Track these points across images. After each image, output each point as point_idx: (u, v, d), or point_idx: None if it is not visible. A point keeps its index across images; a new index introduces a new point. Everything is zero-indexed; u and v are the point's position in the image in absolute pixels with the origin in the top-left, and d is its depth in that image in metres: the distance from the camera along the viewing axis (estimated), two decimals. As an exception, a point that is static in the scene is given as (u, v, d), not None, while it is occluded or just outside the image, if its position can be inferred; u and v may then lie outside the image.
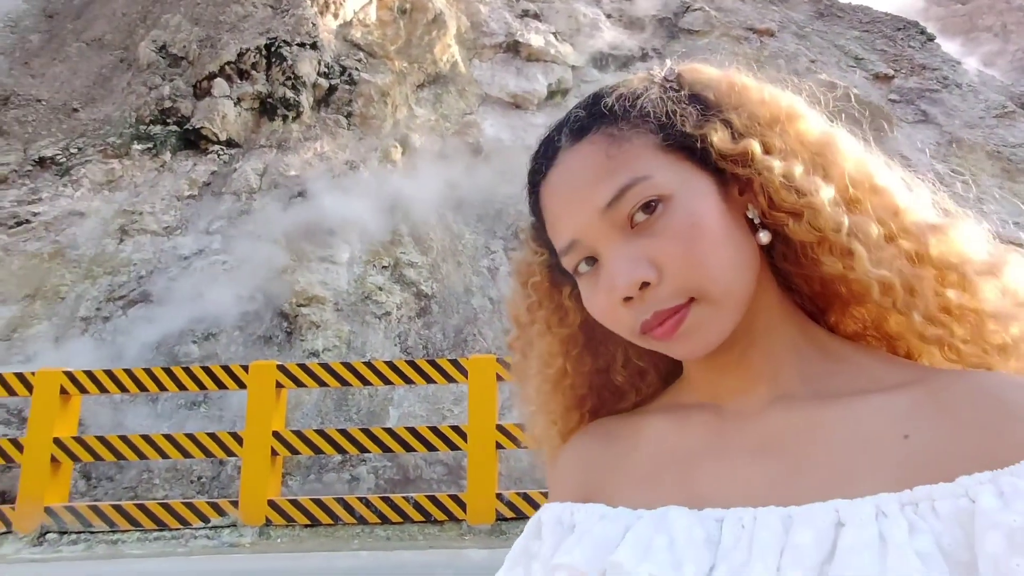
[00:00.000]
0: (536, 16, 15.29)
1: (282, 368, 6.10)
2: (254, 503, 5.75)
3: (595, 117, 0.54)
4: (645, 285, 0.50)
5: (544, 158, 0.56)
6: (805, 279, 0.57)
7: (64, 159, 11.01)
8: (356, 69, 12.50)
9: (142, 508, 5.78)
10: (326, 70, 12.40)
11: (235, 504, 5.84)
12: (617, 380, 0.62)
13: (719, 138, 0.53)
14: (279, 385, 6.04)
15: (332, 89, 12.32)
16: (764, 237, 0.53)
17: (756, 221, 0.54)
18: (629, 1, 16.70)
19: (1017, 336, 0.54)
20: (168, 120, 11.46)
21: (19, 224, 9.99)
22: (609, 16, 16.09)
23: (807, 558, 0.43)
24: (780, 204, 0.53)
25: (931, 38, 17.59)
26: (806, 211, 0.52)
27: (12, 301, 9.12)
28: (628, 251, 0.50)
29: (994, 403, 0.46)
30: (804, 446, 0.50)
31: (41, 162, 10.97)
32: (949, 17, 26.16)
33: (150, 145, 11.20)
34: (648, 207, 0.51)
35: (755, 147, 0.53)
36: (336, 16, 12.95)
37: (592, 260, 0.53)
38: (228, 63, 11.81)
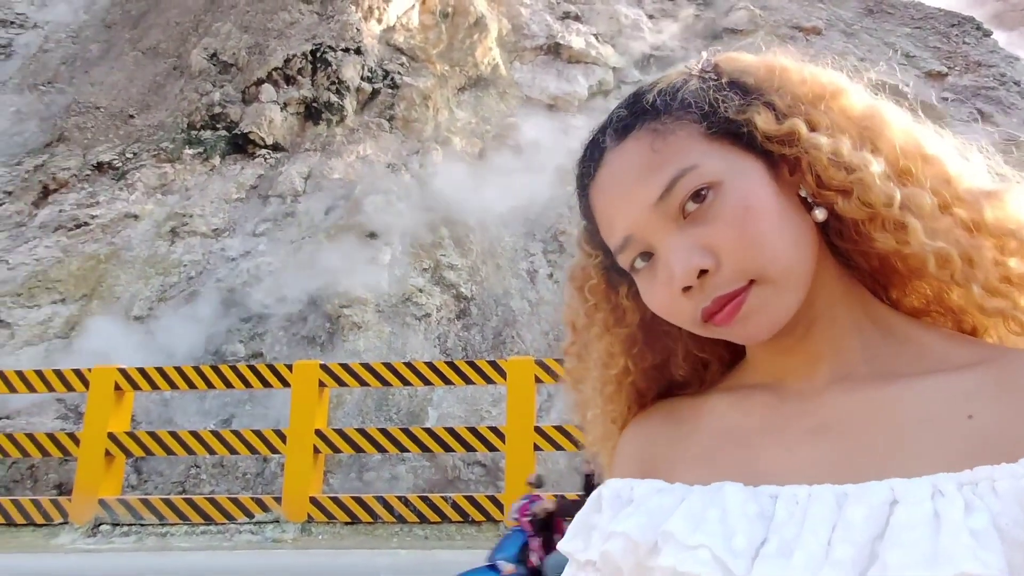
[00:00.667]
0: (577, 18, 15.25)
1: (325, 368, 6.21)
2: (297, 500, 5.86)
3: (637, 114, 0.55)
4: (703, 273, 0.49)
5: (591, 160, 0.57)
6: (863, 255, 0.56)
7: (120, 164, 11.42)
8: (398, 73, 12.66)
9: (190, 502, 5.95)
10: (369, 74, 12.59)
11: (278, 500, 5.97)
12: (679, 375, 0.63)
13: (763, 120, 0.53)
14: (322, 384, 6.15)
15: (375, 93, 12.50)
16: (820, 214, 0.52)
17: (809, 200, 0.54)
18: (671, 1, 16.52)
19: None
20: (218, 125, 11.79)
21: (78, 226, 10.40)
22: (651, 17, 15.94)
23: (859, 534, 0.43)
24: (829, 182, 0.52)
25: (988, 33, 16.94)
26: (856, 187, 0.52)
27: (71, 300, 9.50)
28: (683, 241, 0.50)
29: None
30: (864, 426, 0.49)
31: (99, 167, 11.40)
32: (1008, 11, 25.15)
33: (200, 150, 11.53)
34: (699, 196, 0.50)
35: (800, 126, 0.53)
36: (380, 21, 13.15)
37: (648, 255, 0.53)
38: (275, 69, 12.09)
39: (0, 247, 10.35)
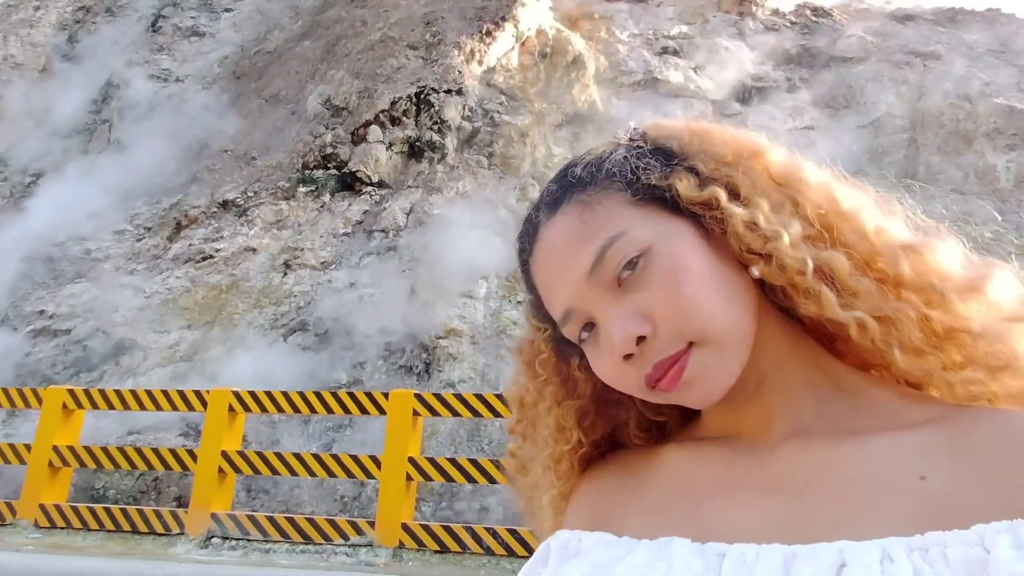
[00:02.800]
0: (675, 52, 15.20)
1: (419, 397, 6.39)
2: (389, 525, 6.02)
3: (566, 188, 0.56)
4: (641, 340, 0.50)
5: (527, 236, 0.59)
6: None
7: (242, 201, 12.39)
8: (497, 112, 13.06)
9: (291, 521, 6.24)
10: (469, 114, 13.06)
11: (372, 524, 6.15)
12: (634, 443, 0.63)
13: (684, 186, 0.53)
14: (416, 413, 6.32)
15: (475, 131, 12.94)
16: (755, 271, 0.53)
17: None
18: (775, 31, 16.16)
19: (1010, 354, 0.50)
20: (329, 165, 12.57)
21: (204, 259, 11.34)
22: (753, 49, 15.64)
23: None
24: (749, 248, 0.52)
25: None
26: (773, 255, 0.52)
27: (196, 326, 10.32)
28: (620, 309, 0.51)
29: (1018, 448, 0.43)
30: (815, 484, 0.48)
31: (224, 204, 12.42)
32: None
33: (313, 187, 12.32)
34: (631, 263, 0.51)
35: (719, 193, 0.53)
36: (480, 63, 13.66)
37: (591, 326, 0.53)
38: (382, 111, 12.79)
39: (139, 277, 11.43)
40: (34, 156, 16.10)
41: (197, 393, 6.80)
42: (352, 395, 6.49)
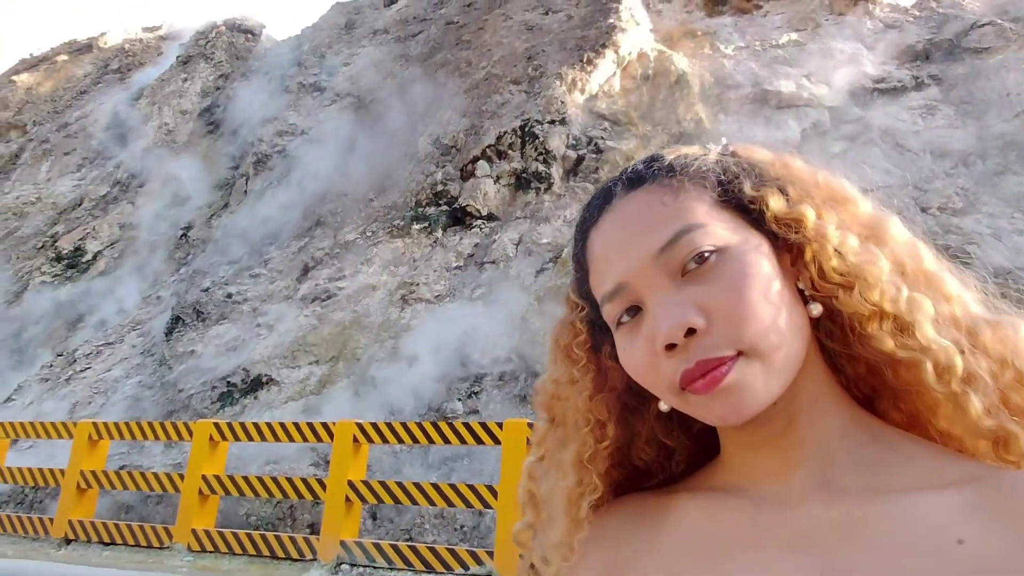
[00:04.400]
0: (786, 61, 14.59)
1: (532, 426, 6.41)
2: (509, 555, 6.03)
3: (652, 170, 0.56)
4: (691, 332, 0.48)
5: (597, 205, 0.57)
6: (852, 360, 0.53)
7: (362, 241, 13.12)
8: (601, 138, 13.07)
9: (414, 550, 6.40)
10: (574, 142, 13.16)
11: (491, 555, 6.19)
12: (641, 459, 0.59)
13: (775, 201, 0.52)
14: (530, 443, 6.34)
15: (580, 159, 13.01)
16: (815, 309, 0.51)
17: (807, 293, 0.51)
18: (896, 28, 15.14)
19: None
20: (440, 202, 13.06)
21: (329, 297, 12.07)
22: (872, 48, 14.72)
23: None
24: (831, 274, 0.50)
25: None
26: (858, 282, 0.50)
27: (323, 361, 10.96)
28: (677, 296, 0.49)
29: None
30: (845, 544, 0.45)
31: (346, 245, 13.20)
32: None
33: (426, 224, 12.84)
34: (701, 257, 0.50)
35: (810, 213, 0.52)
36: (583, 92, 13.77)
37: (635, 311, 0.51)
38: (488, 146, 13.17)
39: (273, 317, 12.33)
40: (186, 210, 17.93)
41: (324, 425, 7.19)
42: (468, 426, 6.61)
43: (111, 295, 16.13)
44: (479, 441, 6.61)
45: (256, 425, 7.51)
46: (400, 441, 6.85)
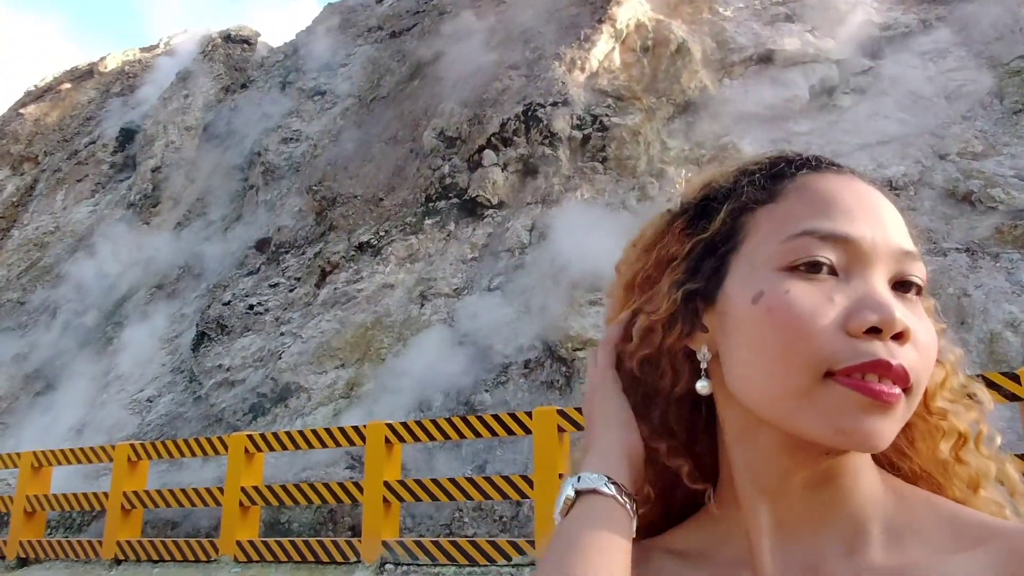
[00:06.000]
0: (788, 18, 14.27)
1: (562, 413, 6.39)
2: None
3: (887, 189, 0.55)
4: (900, 336, 0.44)
5: (825, 160, 0.53)
6: None
7: (376, 242, 13.14)
8: (606, 115, 12.92)
9: (455, 544, 6.44)
10: (578, 122, 13.03)
11: (532, 544, 6.21)
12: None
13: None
14: (561, 430, 6.33)
15: (586, 139, 12.88)
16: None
17: None
18: (899, -27, 14.71)
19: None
20: (450, 194, 13.03)
21: (348, 300, 12.13)
22: (876, -5, 14.34)
23: None
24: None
25: None
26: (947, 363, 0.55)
27: (349, 364, 11.04)
28: (895, 299, 0.47)
29: None
30: None
31: (360, 247, 13.24)
32: None
33: (437, 219, 12.82)
34: (915, 288, 0.49)
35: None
36: (583, 70, 13.60)
37: (819, 268, 0.46)
38: (493, 134, 13.08)
39: (295, 324, 12.43)
40: (201, 226, 18.09)
41: (356, 428, 7.23)
42: (497, 417, 6.61)
43: (137, 317, 16.37)
44: (509, 432, 6.61)
45: (289, 434, 7.59)
46: (431, 438, 6.88)
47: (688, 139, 12.60)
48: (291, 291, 13.42)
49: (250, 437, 7.71)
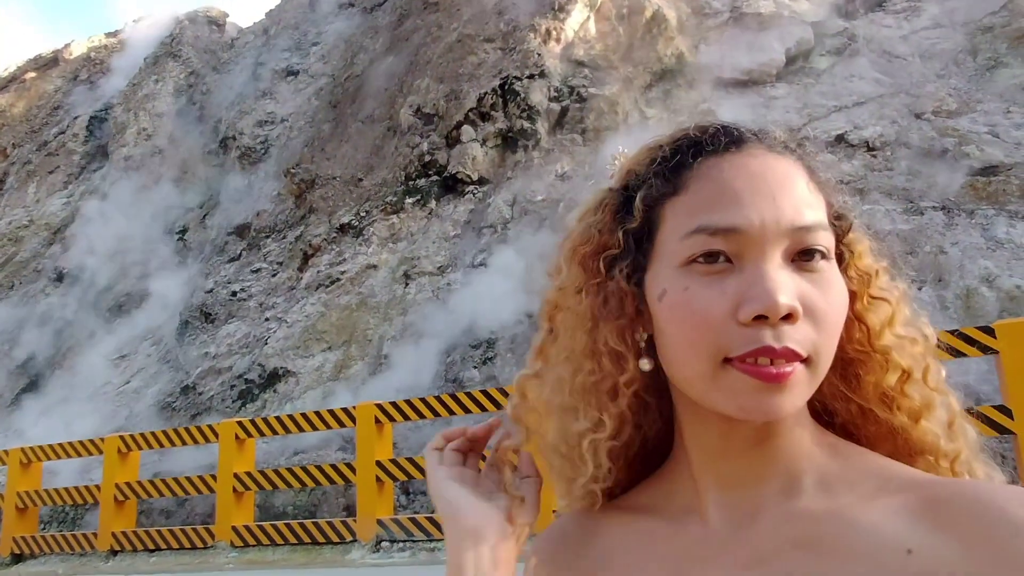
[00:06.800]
0: (762, -19, 14.17)
1: (549, 385, 6.46)
2: (544, 517, 6.15)
3: (794, 148, 0.55)
4: (787, 318, 0.47)
5: (730, 138, 0.53)
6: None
7: (357, 223, 13.05)
8: (583, 86, 12.84)
9: (449, 519, 6.53)
10: (556, 94, 12.94)
11: (525, 515, 6.31)
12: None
13: (865, 258, 0.56)
14: (549, 402, 6.40)
15: (564, 111, 12.80)
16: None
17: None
18: (871, -70, 14.63)
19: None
20: (429, 172, 12.93)
21: (332, 283, 12.07)
22: (849, -46, 14.26)
23: None
24: (872, 338, 0.55)
25: None
26: (889, 302, 0.56)
27: (336, 347, 11.03)
28: (787, 277, 0.48)
29: (997, 518, 0.42)
30: (802, 563, 0.46)
31: (342, 228, 13.14)
32: None
33: (418, 197, 12.74)
34: (820, 255, 0.50)
35: (884, 277, 0.56)
36: (558, 41, 13.47)
37: (717, 258, 0.49)
38: (471, 110, 12.96)
39: (280, 309, 12.37)
40: (177, 216, 17.85)
41: (345, 410, 7.27)
42: (485, 392, 6.67)
43: (118, 309, 16.20)
44: (498, 406, 6.67)
45: (279, 418, 7.60)
46: (421, 416, 6.93)
47: (666, 107, 12.57)
48: (274, 276, 13.33)
49: (240, 423, 7.71)
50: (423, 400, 6.83)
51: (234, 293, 13.37)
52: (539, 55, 13.06)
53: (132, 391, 13.15)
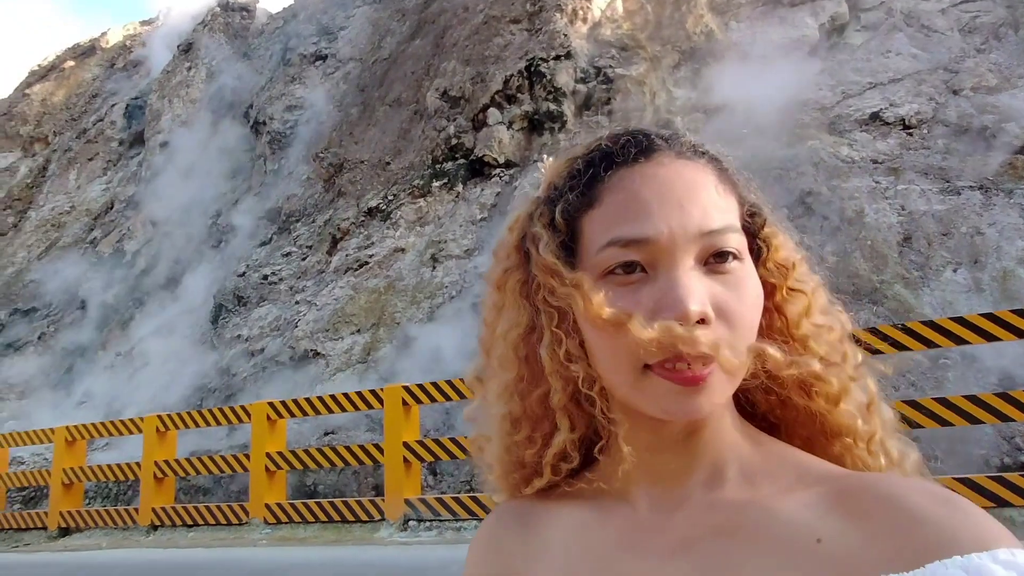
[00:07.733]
0: (796, -46, 13.77)
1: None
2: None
3: (703, 151, 0.56)
4: (700, 322, 0.49)
5: (639, 147, 0.55)
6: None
7: (385, 206, 13.16)
8: (610, 67, 12.69)
9: (475, 500, 6.63)
10: (582, 75, 12.81)
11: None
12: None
13: (782, 251, 0.57)
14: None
15: (591, 92, 12.68)
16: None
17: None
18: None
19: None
20: (456, 155, 12.95)
21: (361, 266, 12.23)
22: (888, -75, 13.76)
23: None
24: (791, 328, 0.57)
25: None
26: (806, 294, 0.58)
27: (364, 330, 11.20)
28: (698, 282, 0.50)
29: (899, 508, 0.45)
30: (722, 549, 0.49)
31: (370, 212, 13.27)
32: None
33: (445, 180, 12.79)
34: (731, 257, 0.51)
35: (803, 268, 0.59)
36: (585, 21, 13.31)
37: (633, 268, 0.51)
38: (497, 92, 12.92)
39: (309, 292, 12.58)
40: (212, 198, 18.19)
41: (373, 392, 7.39)
42: (509, 376, 6.71)
43: (156, 291, 16.64)
44: (523, 390, 6.72)
45: (308, 400, 7.78)
46: (447, 398, 7.02)
47: (695, 87, 12.36)
48: (303, 259, 13.54)
49: (271, 404, 7.91)
50: (449, 382, 6.91)
51: (265, 276, 13.62)
52: (565, 35, 12.93)
53: (170, 371, 13.55)
